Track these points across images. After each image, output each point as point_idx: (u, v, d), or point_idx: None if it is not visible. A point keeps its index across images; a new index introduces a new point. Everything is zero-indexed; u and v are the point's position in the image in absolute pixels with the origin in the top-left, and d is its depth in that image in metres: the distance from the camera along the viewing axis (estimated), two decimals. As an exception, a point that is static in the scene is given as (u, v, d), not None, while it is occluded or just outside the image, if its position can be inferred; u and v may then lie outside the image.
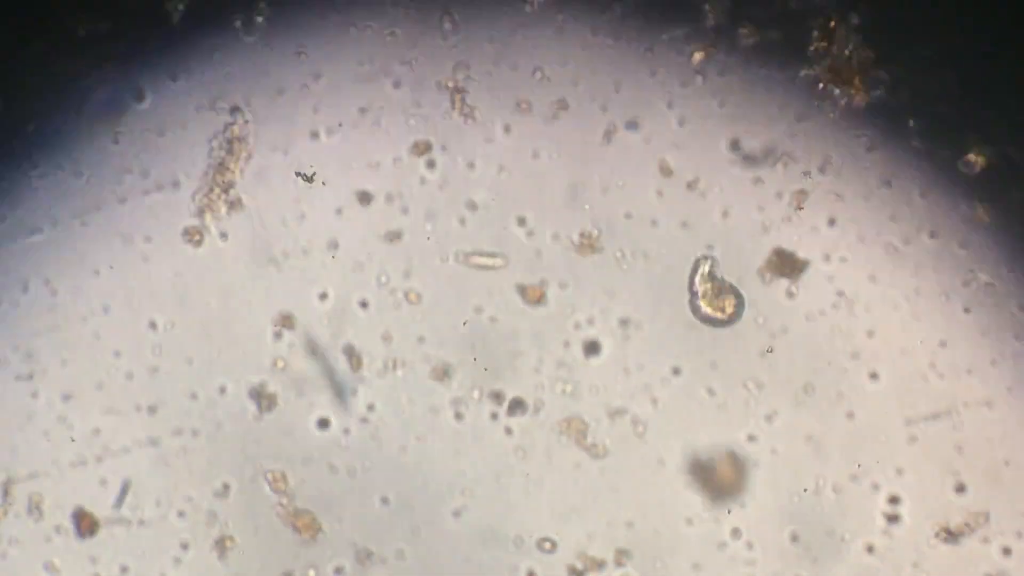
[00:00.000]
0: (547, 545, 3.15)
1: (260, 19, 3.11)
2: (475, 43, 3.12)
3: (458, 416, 3.15)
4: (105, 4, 3.12)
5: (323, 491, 3.17)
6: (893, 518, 3.09)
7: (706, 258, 3.06)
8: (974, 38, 3.04)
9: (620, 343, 3.13)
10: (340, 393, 3.10)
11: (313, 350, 3.08)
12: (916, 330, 3.09)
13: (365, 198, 3.14)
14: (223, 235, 3.14)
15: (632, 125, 3.10)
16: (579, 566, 3.14)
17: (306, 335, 3.10)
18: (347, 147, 3.14)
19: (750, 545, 3.12)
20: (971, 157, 3.05)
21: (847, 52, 3.04)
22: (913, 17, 3.05)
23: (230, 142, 3.12)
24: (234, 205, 3.13)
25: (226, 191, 3.13)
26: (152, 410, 3.18)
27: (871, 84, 3.05)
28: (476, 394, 3.15)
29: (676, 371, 3.12)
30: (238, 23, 3.11)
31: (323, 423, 3.16)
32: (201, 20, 3.12)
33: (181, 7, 3.11)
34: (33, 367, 3.17)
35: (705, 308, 3.07)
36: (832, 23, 3.04)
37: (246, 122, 3.12)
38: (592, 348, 3.13)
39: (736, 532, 3.12)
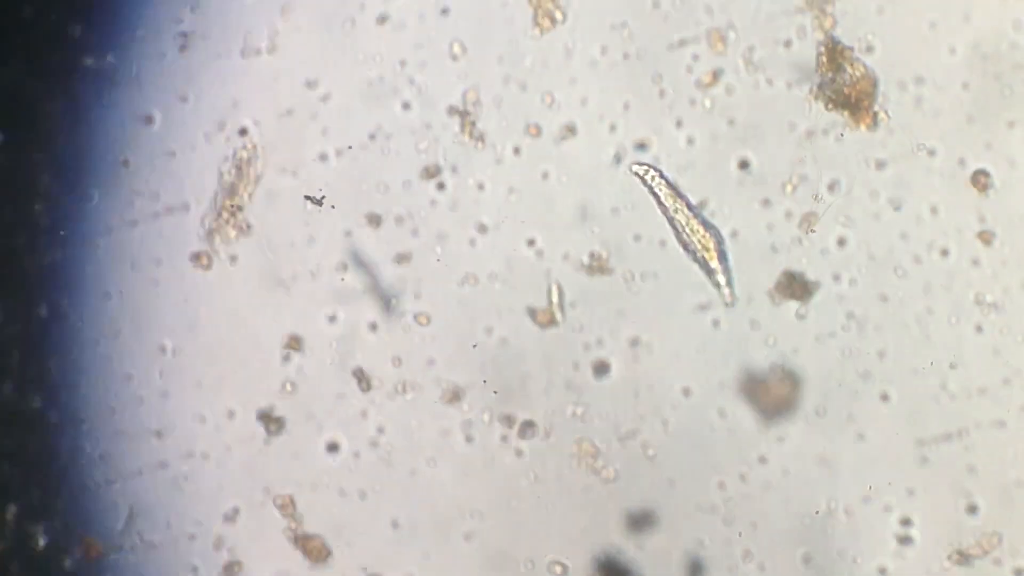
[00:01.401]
0: (557, 568, 3.14)
1: (269, 42, 3.12)
2: (484, 65, 3.13)
3: (468, 439, 3.14)
4: (113, 28, 3.13)
5: (332, 515, 3.16)
6: (905, 540, 3.08)
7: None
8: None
9: (630, 364, 3.12)
10: (386, 304, 3.07)
11: (358, 261, 3.06)
12: (927, 351, 3.08)
13: (375, 220, 3.14)
14: (232, 259, 3.15)
15: (641, 146, 3.10)
16: (590, 589, 3.14)
17: (352, 250, 3.07)
18: (356, 170, 3.14)
19: (762, 567, 3.10)
20: (979, 174, 3.05)
21: (853, 73, 3.05)
22: (918, 37, 3.06)
23: (239, 166, 3.12)
24: (243, 228, 3.14)
25: (235, 214, 3.13)
26: (161, 434, 3.17)
27: (878, 103, 3.06)
28: (486, 417, 3.14)
29: (687, 392, 3.12)
30: (247, 45, 3.12)
31: (332, 447, 3.15)
32: (210, 42, 3.13)
33: (191, 30, 3.12)
34: (45, 392, 3.17)
35: None
36: (838, 46, 3.05)
37: (255, 145, 3.13)
38: (602, 369, 3.13)
39: (748, 554, 3.10)
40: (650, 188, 2.98)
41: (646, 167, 2.97)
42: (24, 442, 3.17)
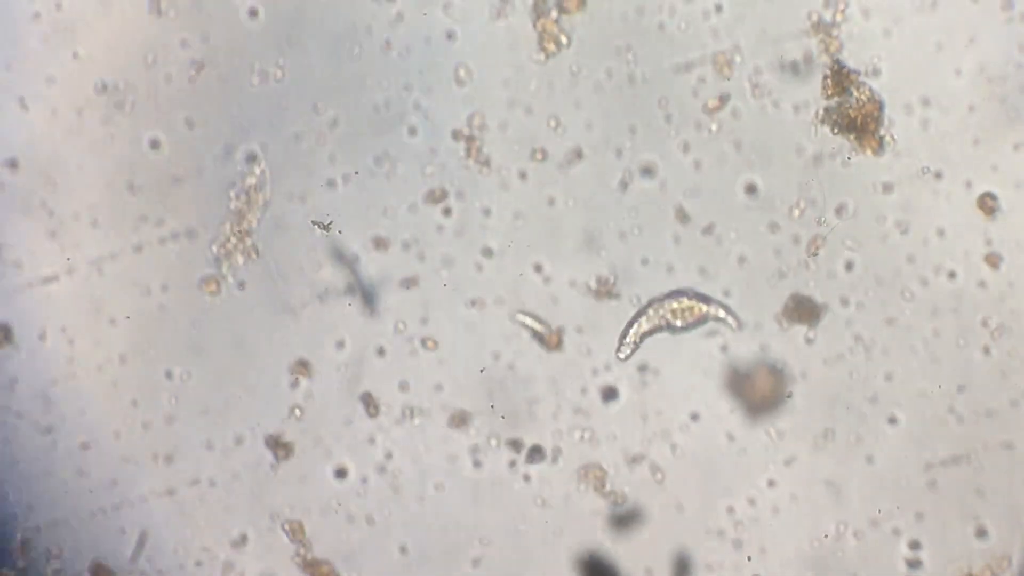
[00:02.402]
0: (566, 592, 3.14)
1: (276, 68, 3.13)
2: (489, 90, 3.13)
3: (476, 464, 3.14)
4: (121, 53, 3.14)
5: (341, 541, 3.16)
6: (915, 564, 3.07)
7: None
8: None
9: (638, 389, 3.12)
10: (368, 299, 3.07)
11: (339, 257, 3.05)
12: (935, 373, 3.08)
13: (381, 245, 3.14)
14: (240, 284, 3.15)
15: (648, 171, 3.11)
16: (599, 614, 3.13)
17: (332, 244, 3.07)
18: (363, 195, 3.14)
19: (771, 592, 3.10)
20: (985, 197, 3.05)
21: (859, 96, 3.05)
22: (923, 60, 3.06)
23: (247, 191, 3.13)
24: (251, 254, 3.14)
25: (243, 240, 3.13)
26: (169, 459, 3.17)
27: (884, 127, 3.06)
28: (494, 442, 3.14)
29: (695, 417, 3.11)
30: (255, 71, 3.13)
31: (340, 472, 3.15)
32: (218, 68, 3.13)
33: (196, 56, 3.13)
34: (51, 417, 3.17)
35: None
36: (844, 70, 3.05)
37: (263, 171, 3.13)
38: (610, 394, 3.13)
39: (757, 579, 3.11)
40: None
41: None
42: (31, 468, 3.17)
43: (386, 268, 3.14)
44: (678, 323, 3.07)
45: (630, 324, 3.06)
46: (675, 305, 3.07)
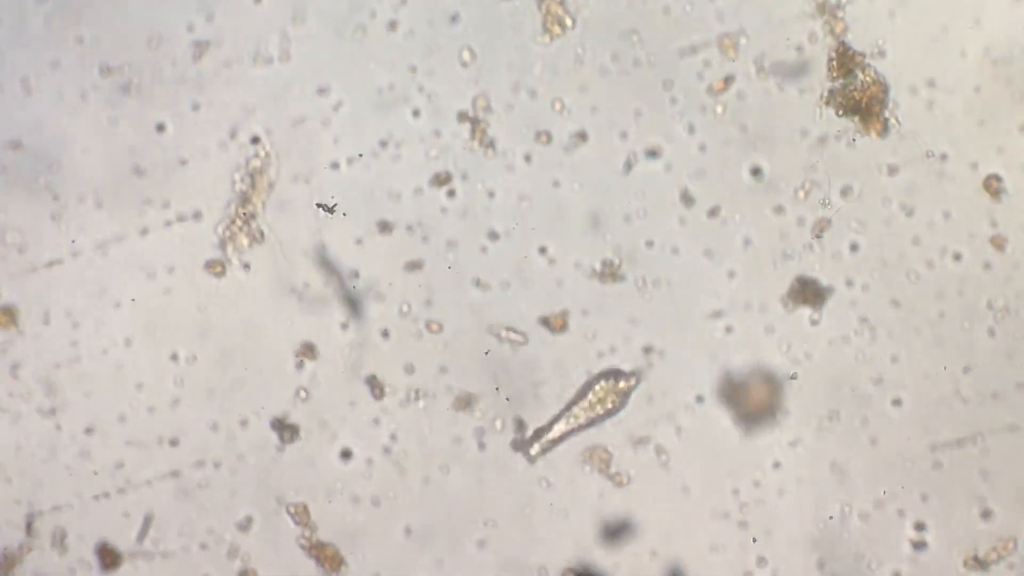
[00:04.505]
0: (571, 575, 3.13)
1: (281, 50, 3.12)
2: (494, 72, 3.13)
3: (481, 446, 3.14)
4: (126, 36, 3.13)
5: (346, 523, 3.16)
6: (920, 545, 3.08)
7: None
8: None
9: (643, 371, 3.12)
10: (353, 306, 3.07)
11: (322, 263, 3.06)
12: (940, 355, 3.08)
13: (386, 228, 3.14)
14: (245, 267, 3.15)
15: (653, 153, 3.10)
16: (604, 596, 3.14)
17: (316, 249, 3.08)
18: (367, 177, 3.14)
19: (776, 573, 3.10)
20: (991, 179, 3.05)
21: (864, 78, 3.05)
22: (929, 41, 3.06)
23: (252, 174, 3.13)
24: (256, 236, 3.14)
25: (248, 222, 3.13)
26: (174, 442, 3.17)
27: (889, 109, 3.06)
28: (499, 424, 3.14)
29: (700, 399, 3.12)
30: (259, 54, 3.13)
31: (346, 454, 3.15)
32: (223, 50, 3.13)
33: (201, 38, 3.13)
34: (55, 400, 3.17)
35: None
36: (849, 51, 3.05)
37: (267, 153, 3.13)
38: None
39: (762, 560, 3.10)
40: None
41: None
42: (36, 451, 3.17)
43: (390, 251, 3.14)
44: (600, 409, 3.10)
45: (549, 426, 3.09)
46: (591, 398, 3.09)
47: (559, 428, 3.10)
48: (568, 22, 3.11)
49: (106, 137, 3.16)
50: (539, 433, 3.08)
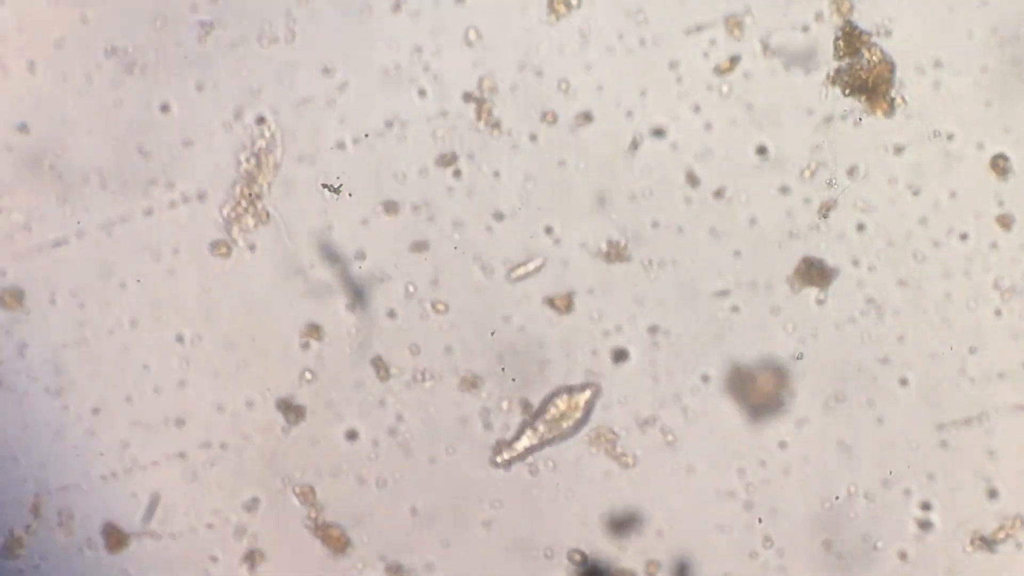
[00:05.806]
0: (577, 556, 3.14)
1: (287, 30, 3.12)
2: (499, 52, 3.12)
3: (487, 426, 3.14)
4: (131, 16, 3.13)
5: (352, 504, 3.16)
6: (926, 524, 3.08)
7: None
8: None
9: (648, 351, 3.12)
10: (358, 295, 3.07)
11: (328, 255, 3.06)
12: (946, 335, 3.08)
13: (392, 208, 3.14)
14: (251, 247, 3.14)
15: (658, 133, 3.10)
16: (610, 576, 3.14)
17: (320, 241, 3.08)
18: (373, 158, 3.13)
19: (782, 553, 3.10)
20: (997, 159, 3.05)
21: (871, 58, 3.04)
22: (935, 21, 3.05)
23: (257, 154, 3.12)
24: (262, 217, 3.13)
25: (254, 203, 3.13)
26: (180, 423, 3.18)
27: (895, 88, 3.05)
28: (505, 404, 3.14)
29: (705, 379, 3.11)
30: (264, 34, 3.12)
31: (351, 435, 3.15)
32: (228, 31, 3.13)
33: (206, 18, 3.12)
34: (62, 381, 3.17)
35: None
36: (856, 31, 3.04)
37: (273, 133, 3.12)
38: (620, 356, 3.12)
39: (768, 540, 3.10)
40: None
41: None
42: (42, 432, 3.18)
43: (396, 231, 3.13)
44: (564, 425, 3.10)
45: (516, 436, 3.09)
46: (553, 411, 3.09)
47: (523, 443, 3.10)
48: (574, 1, 3.10)
49: (111, 118, 3.15)
50: (501, 446, 3.09)
